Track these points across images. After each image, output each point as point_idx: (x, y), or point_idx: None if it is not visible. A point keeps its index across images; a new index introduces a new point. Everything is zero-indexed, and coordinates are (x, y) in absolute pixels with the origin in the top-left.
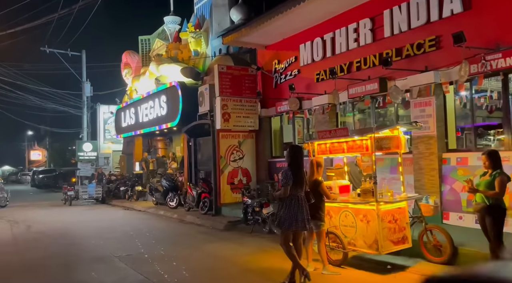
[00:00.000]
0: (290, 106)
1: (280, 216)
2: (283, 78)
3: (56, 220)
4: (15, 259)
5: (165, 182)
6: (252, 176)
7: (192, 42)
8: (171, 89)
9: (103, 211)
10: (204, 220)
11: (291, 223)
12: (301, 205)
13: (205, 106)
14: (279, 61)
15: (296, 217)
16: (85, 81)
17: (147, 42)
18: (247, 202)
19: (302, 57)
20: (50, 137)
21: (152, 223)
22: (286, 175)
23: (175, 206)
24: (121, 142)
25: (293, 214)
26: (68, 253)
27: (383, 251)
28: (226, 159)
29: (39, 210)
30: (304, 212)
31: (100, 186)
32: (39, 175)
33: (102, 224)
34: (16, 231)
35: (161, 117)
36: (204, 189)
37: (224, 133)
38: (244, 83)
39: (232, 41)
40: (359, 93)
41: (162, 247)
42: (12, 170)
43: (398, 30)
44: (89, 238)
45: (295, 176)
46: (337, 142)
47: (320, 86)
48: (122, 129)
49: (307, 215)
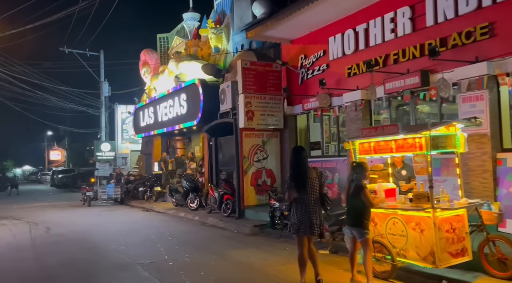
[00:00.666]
0: (320, 103)
1: (290, 220)
2: (310, 73)
3: (75, 222)
4: (35, 265)
5: (186, 183)
6: (277, 177)
7: (212, 38)
8: (192, 87)
9: (122, 213)
10: (227, 223)
11: (298, 227)
12: (309, 208)
13: (227, 104)
14: (305, 56)
15: (303, 221)
16: (103, 81)
17: (165, 40)
18: (275, 205)
19: (332, 51)
20: (69, 138)
21: (173, 226)
22: (287, 178)
23: (195, 208)
24: (139, 142)
25: (300, 218)
26: (88, 259)
27: (441, 265)
28: (250, 159)
29: (58, 211)
30: (313, 216)
31: (118, 187)
32: (58, 174)
33: (122, 226)
34: (35, 233)
35: (181, 116)
36: (227, 191)
37: (247, 132)
38: (269, 79)
39: (256, 36)
40: (397, 88)
41: (186, 253)
42: (32, 170)
43: (443, 18)
44: (110, 243)
45: (295, 179)
46: (384, 140)
47: (351, 82)
48: (140, 129)
49: (316, 219)
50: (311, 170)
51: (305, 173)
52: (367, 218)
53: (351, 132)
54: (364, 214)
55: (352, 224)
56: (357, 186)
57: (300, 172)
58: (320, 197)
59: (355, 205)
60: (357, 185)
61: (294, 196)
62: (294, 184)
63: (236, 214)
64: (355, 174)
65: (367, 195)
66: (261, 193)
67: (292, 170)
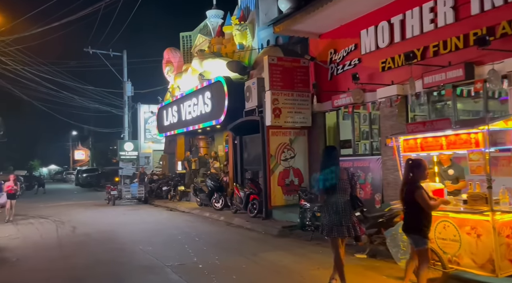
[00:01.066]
0: (354, 99)
1: (321, 222)
2: (340, 68)
3: (101, 221)
4: (62, 265)
5: (210, 182)
6: (305, 177)
7: (237, 35)
8: (216, 85)
9: (147, 212)
10: (254, 223)
11: (330, 228)
12: (339, 210)
13: (252, 102)
14: (335, 51)
15: (334, 223)
16: (126, 81)
17: (188, 39)
18: (306, 206)
19: (364, 45)
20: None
21: (199, 226)
22: None
23: (220, 208)
24: (161, 141)
25: (331, 219)
26: (115, 260)
27: (502, 274)
28: (277, 158)
29: (83, 210)
30: (343, 217)
31: (142, 186)
32: (83, 174)
33: (148, 226)
34: (62, 232)
35: (205, 114)
36: (253, 190)
37: (274, 130)
38: (296, 75)
39: (284, 30)
40: (437, 82)
41: (215, 255)
42: (57, 169)
43: (490, 5)
44: (136, 243)
45: (327, 181)
46: (433, 136)
47: (386, 76)
48: (164, 128)
49: (347, 221)
50: (342, 171)
51: (336, 174)
52: (425, 224)
53: (385, 129)
54: (420, 219)
55: (407, 230)
56: (412, 187)
57: (331, 172)
58: (351, 199)
59: (410, 208)
60: (412, 185)
61: (324, 198)
62: (324, 185)
63: (262, 214)
64: (412, 173)
65: (422, 197)
66: (289, 193)
67: (321, 169)
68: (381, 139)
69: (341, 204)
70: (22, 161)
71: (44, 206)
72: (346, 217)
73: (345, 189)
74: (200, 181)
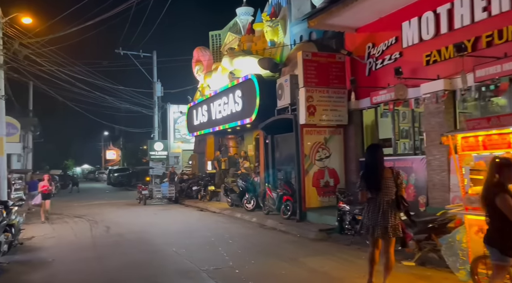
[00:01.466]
0: (396, 94)
1: (362, 222)
2: (379, 63)
3: (133, 221)
4: (97, 267)
5: (241, 183)
6: (340, 177)
7: (268, 31)
8: (247, 83)
9: (178, 212)
10: (288, 226)
11: (369, 228)
12: (381, 210)
13: (285, 100)
14: (373, 45)
15: (374, 222)
16: (155, 81)
17: (217, 38)
18: (345, 208)
19: (406, 37)
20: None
21: (231, 227)
22: (359, 178)
23: (252, 209)
24: (190, 141)
25: (372, 219)
26: (150, 263)
27: None
28: (311, 157)
29: (116, 210)
30: (385, 218)
31: (173, 186)
32: (114, 173)
33: (180, 227)
34: (96, 232)
35: (236, 113)
36: (286, 191)
37: (308, 129)
38: (332, 71)
39: (319, 24)
40: (491, 75)
41: (252, 260)
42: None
43: None
44: (169, 245)
45: (367, 179)
46: (499, 133)
47: (431, 70)
48: (194, 128)
49: (387, 222)
50: (386, 170)
51: (379, 173)
52: (506, 236)
53: (430, 127)
54: (502, 230)
55: (487, 240)
56: (495, 190)
57: (373, 171)
58: (395, 199)
59: (492, 216)
60: (496, 188)
61: (367, 197)
62: (366, 184)
63: (296, 216)
64: (498, 174)
65: (505, 201)
66: (324, 194)
67: (365, 168)
68: (426, 137)
69: (383, 204)
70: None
71: (78, 205)
72: (387, 217)
73: (388, 188)
74: (230, 181)
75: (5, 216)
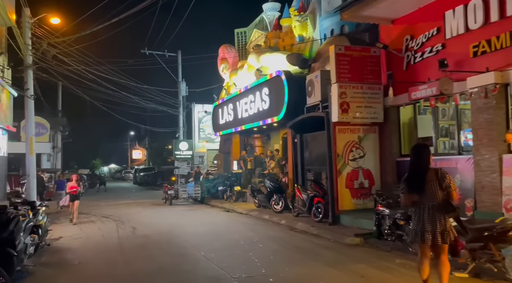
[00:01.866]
0: (441, 89)
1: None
2: (418, 57)
3: (160, 222)
4: (124, 272)
5: (269, 183)
6: (376, 179)
7: (297, 26)
8: (275, 80)
9: (204, 212)
10: (320, 229)
11: (415, 235)
12: (426, 214)
13: (315, 97)
14: (412, 37)
15: (422, 228)
16: (180, 81)
17: (243, 35)
18: (384, 212)
19: (450, 27)
20: (149, 137)
21: (260, 230)
22: (402, 180)
23: (280, 210)
24: (215, 141)
25: (418, 225)
26: (178, 268)
27: None
28: (344, 157)
29: (142, 209)
30: (430, 223)
31: (198, 186)
32: (140, 173)
33: (207, 228)
34: (122, 233)
35: (263, 112)
36: (317, 193)
37: (341, 127)
38: (366, 66)
39: (352, 16)
40: None
41: (285, 267)
42: (117, 168)
43: None
44: (198, 248)
45: (409, 181)
46: None
47: (478, 62)
48: (219, 127)
49: (434, 227)
50: (430, 171)
51: (422, 175)
52: None
53: (478, 124)
54: None
55: None
56: None
57: (416, 173)
58: (442, 203)
59: None
60: None
61: (413, 201)
62: (408, 187)
63: (329, 219)
64: None
65: None
66: (358, 196)
67: (408, 170)
68: (473, 136)
69: (429, 208)
70: (85, 160)
71: (105, 204)
72: (434, 222)
73: (433, 192)
74: (258, 181)
75: (31, 217)
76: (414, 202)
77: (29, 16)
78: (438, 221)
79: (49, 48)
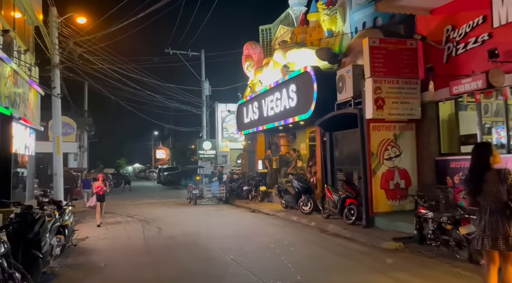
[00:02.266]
0: (492, 80)
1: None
2: (461, 48)
3: (185, 222)
4: (151, 276)
5: (297, 183)
6: (412, 179)
7: (325, 20)
8: (303, 76)
9: (230, 213)
10: (354, 232)
11: (479, 239)
12: (486, 218)
13: (346, 93)
14: (453, 27)
15: (483, 232)
16: (204, 80)
17: (268, 32)
18: (427, 215)
19: (498, 15)
20: (173, 137)
21: (289, 232)
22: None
23: (309, 211)
24: (238, 140)
25: (481, 228)
26: (206, 273)
27: None
28: (379, 156)
29: (167, 209)
30: (491, 227)
31: (223, 185)
32: (164, 172)
33: (234, 229)
34: (148, 234)
35: (290, 109)
36: (349, 193)
37: (375, 124)
38: (402, 59)
39: (388, 7)
40: None
41: (322, 273)
42: (141, 167)
43: None
44: (226, 250)
45: (468, 183)
46: None
47: None
48: (244, 126)
49: (496, 232)
50: (492, 172)
51: (480, 175)
52: None
53: None
54: None
55: None
56: None
57: (474, 173)
58: (504, 206)
59: None
60: None
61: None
62: (466, 188)
63: (362, 221)
64: None
65: None
66: (394, 197)
67: (469, 172)
68: None
69: (490, 211)
70: (110, 160)
71: (130, 204)
72: (496, 226)
73: (494, 193)
74: (285, 181)
75: (57, 217)
76: (478, 203)
77: (56, 16)
78: (501, 226)
79: (75, 47)
